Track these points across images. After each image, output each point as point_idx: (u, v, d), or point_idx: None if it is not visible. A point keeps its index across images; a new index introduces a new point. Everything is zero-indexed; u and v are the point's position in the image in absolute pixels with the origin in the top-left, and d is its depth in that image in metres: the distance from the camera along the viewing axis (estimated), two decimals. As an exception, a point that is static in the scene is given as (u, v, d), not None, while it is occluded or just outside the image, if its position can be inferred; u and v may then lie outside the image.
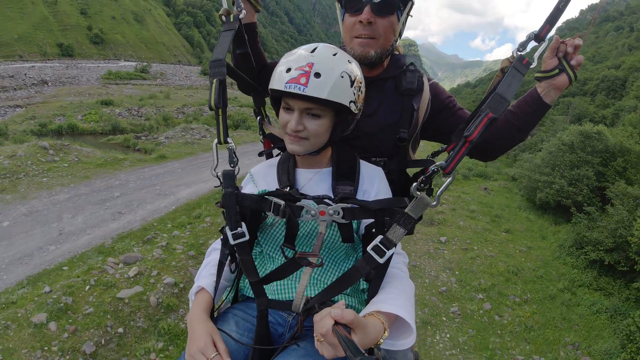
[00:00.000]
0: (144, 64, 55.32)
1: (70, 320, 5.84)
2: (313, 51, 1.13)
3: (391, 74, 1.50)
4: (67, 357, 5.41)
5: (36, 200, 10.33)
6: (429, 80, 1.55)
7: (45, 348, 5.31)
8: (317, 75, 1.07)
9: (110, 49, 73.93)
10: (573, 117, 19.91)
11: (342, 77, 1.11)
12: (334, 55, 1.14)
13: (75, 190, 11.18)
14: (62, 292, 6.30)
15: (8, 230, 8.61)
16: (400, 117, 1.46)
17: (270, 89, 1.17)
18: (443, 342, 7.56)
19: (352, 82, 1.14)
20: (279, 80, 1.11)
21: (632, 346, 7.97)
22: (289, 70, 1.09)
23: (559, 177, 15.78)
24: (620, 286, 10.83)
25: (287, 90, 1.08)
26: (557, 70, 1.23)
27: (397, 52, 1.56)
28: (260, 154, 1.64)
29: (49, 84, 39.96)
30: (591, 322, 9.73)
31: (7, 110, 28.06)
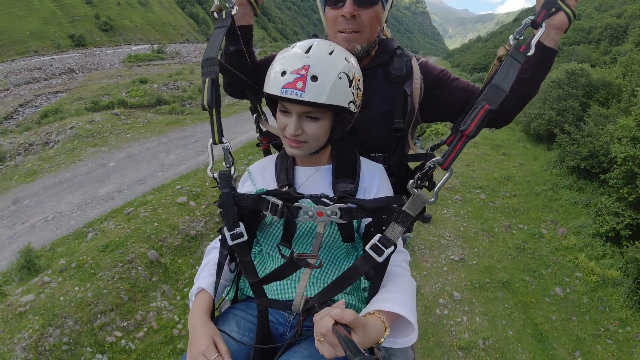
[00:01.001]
0: (158, 45, 57.37)
1: (203, 200, 9.02)
2: (308, 51, 1.09)
3: (379, 61, 1.45)
4: (207, 219, 8.57)
5: (130, 148, 13.52)
6: (418, 60, 1.50)
7: (190, 215, 8.45)
8: (314, 78, 1.03)
9: (120, 35, 75.51)
10: (576, 63, 21.88)
11: (340, 78, 1.07)
12: (331, 53, 1.10)
13: (158, 140, 14.33)
14: (190, 186, 9.50)
15: (116, 168, 11.88)
16: (393, 107, 1.42)
17: (266, 92, 1.13)
18: (449, 214, 10.87)
19: (351, 82, 1.11)
20: (274, 84, 1.07)
21: (600, 219, 10.80)
22: (284, 73, 1.05)
23: (548, 109, 18.38)
24: (595, 185, 13.64)
25: (284, 95, 1.05)
26: (553, 9, 1.15)
27: (384, 37, 1.49)
28: (258, 145, 1.66)
29: (77, 71, 42.67)
30: (569, 209, 12.64)
31: (48, 96, 30.88)
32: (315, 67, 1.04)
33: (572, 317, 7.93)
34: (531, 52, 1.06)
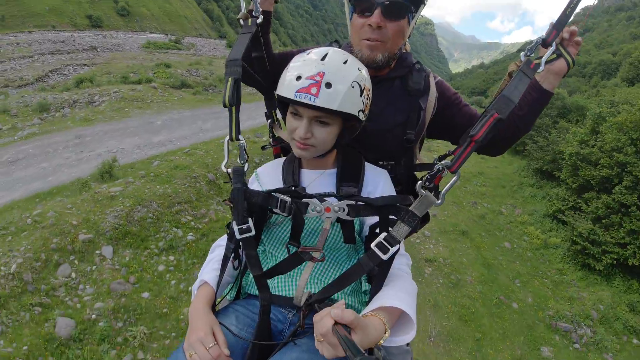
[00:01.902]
0: (175, 36, 59.77)
1: (251, 150, 11.47)
2: (324, 58, 1.12)
3: (398, 73, 1.49)
4: (252, 164, 11.16)
5: (170, 114, 15.96)
6: (434, 78, 1.54)
7: (236, 159, 11.02)
8: (328, 85, 1.07)
9: (136, 22, 77.42)
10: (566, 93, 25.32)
11: (353, 87, 1.11)
12: (345, 63, 1.14)
13: (193, 112, 16.78)
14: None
15: (163, 126, 14.23)
16: (407, 118, 1.46)
17: (279, 95, 1.16)
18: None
19: (362, 92, 1.15)
20: (288, 87, 1.11)
21: (549, 203, 13.64)
22: (299, 78, 1.09)
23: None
24: (553, 184, 16.47)
25: (298, 99, 1.08)
26: (554, 55, 1.21)
27: (404, 51, 1.52)
28: (263, 148, 1.72)
29: (98, 49, 44.90)
30: (528, 199, 15.45)
31: (75, 67, 33.12)
32: (329, 74, 1.08)
33: (515, 261, 10.61)
34: (541, 69, 1.09)
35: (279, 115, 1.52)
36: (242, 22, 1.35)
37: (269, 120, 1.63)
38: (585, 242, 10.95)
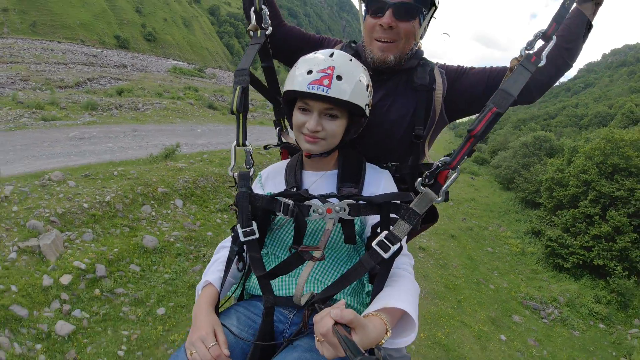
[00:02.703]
0: (199, 65, 63.62)
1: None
2: (331, 55, 1.18)
3: (406, 67, 1.50)
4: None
5: (207, 126, 18.28)
6: (438, 65, 1.55)
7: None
8: (339, 78, 1.12)
9: (161, 48, 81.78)
10: (543, 132, 28.43)
11: (360, 81, 1.17)
12: (350, 60, 1.20)
13: (226, 127, 18.98)
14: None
15: (203, 134, 16.22)
16: (414, 113, 1.47)
17: (290, 91, 1.19)
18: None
19: (367, 87, 1.21)
20: (300, 82, 1.14)
21: (529, 223, 15.85)
22: (310, 72, 1.14)
23: (515, 162, 24.04)
24: (536, 212, 18.63)
25: (310, 91, 1.11)
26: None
27: (415, 50, 1.53)
28: (265, 147, 1.72)
29: (128, 68, 48.38)
30: (512, 222, 17.58)
31: (110, 80, 35.83)
32: (339, 68, 1.14)
33: (495, 260, 12.60)
34: (542, 63, 1.07)
35: (287, 123, 1.59)
36: (251, 33, 1.37)
37: (277, 128, 1.67)
38: (554, 244, 13.48)
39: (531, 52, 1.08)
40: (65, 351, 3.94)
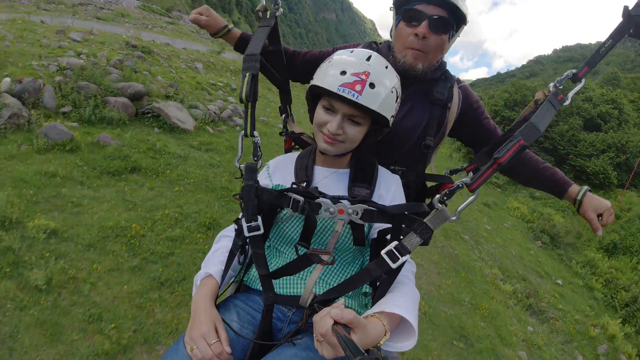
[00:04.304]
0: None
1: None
2: (368, 59, 1.13)
3: (427, 78, 1.52)
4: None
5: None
6: (460, 83, 1.59)
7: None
8: (372, 85, 1.08)
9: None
10: None
11: (392, 92, 1.14)
12: (386, 68, 1.16)
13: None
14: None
15: None
16: (428, 124, 1.51)
17: (317, 86, 1.15)
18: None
19: (397, 98, 1.18)
20: (332, 81, 1.10)
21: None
22: (344, 73, 1.09)
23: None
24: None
25: (340, 94, 1.07)
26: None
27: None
28: (281, 134, 1.69)
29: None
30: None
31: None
32: (374, 75, 1.09)
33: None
34: (567, 102, 1.09)
35: (293, 111, 1.57)
36: (260, 14, 1.33)
37: (283, 115, 1.63)
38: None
39: (560, 87, 1.09)
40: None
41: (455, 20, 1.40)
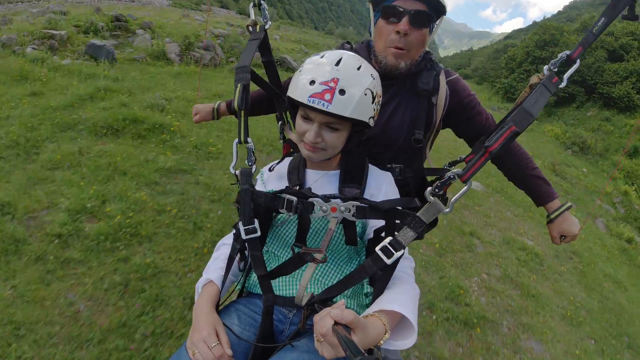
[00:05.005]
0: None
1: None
2: (338, 63, 1.11)
3: (411, 72, 1.48)
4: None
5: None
6: (449, 75, 1.55)
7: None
8: (342, 92, 1.06)
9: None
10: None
11: (366, 94, 1.11)
12: (359, 69, 1.13)
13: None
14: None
15: None
16: (416, 118, 1.48)
17: (291, 97, 1.15)
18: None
19: (374, 99, 1.15)
20: (302, 91, 1.09)
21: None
22: (312, 82, 1.08)
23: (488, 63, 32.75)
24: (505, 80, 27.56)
25: (311, 104, 1.06)
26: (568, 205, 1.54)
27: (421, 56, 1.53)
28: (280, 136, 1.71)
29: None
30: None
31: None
32: (343, 80, 1.06)
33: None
34: (563, 84, 1.07)
35: (290, 118, 1.56)
36: (250, 29, 1.36)
37: (279, 122, 1.62)
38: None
39: (554, 70, 1.06)
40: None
41: (435, 13, 1.37)
